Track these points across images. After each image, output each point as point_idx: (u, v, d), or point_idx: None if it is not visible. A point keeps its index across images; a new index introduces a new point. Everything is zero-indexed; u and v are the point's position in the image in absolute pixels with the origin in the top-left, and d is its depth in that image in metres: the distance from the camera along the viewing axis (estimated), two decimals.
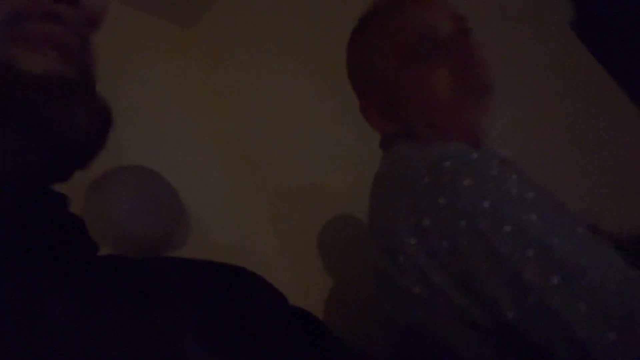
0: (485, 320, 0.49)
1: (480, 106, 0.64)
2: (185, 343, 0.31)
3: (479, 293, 0.48)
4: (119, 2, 1.41)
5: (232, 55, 1.62)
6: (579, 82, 1.07)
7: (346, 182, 0.85)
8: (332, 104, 0.85)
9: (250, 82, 1.57)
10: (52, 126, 0.29)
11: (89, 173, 1.06)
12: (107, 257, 0.37)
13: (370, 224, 0.66)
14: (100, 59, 0.36)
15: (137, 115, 1.27)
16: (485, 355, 0.50)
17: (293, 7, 1.48)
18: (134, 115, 1.26)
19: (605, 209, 1.00)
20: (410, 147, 0.64)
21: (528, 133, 1.10)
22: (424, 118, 0.65)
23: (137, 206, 1.02)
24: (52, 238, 0.32)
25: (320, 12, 1.42)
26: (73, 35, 0.30)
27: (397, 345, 0.62)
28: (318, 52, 1.39)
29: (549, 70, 1.10)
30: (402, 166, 0.61)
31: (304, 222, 1.34)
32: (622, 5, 1.05)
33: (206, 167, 1.42)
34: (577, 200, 1.03)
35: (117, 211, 0.97)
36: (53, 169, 0.32)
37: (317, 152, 1.37)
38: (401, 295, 0.56)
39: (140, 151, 1.21)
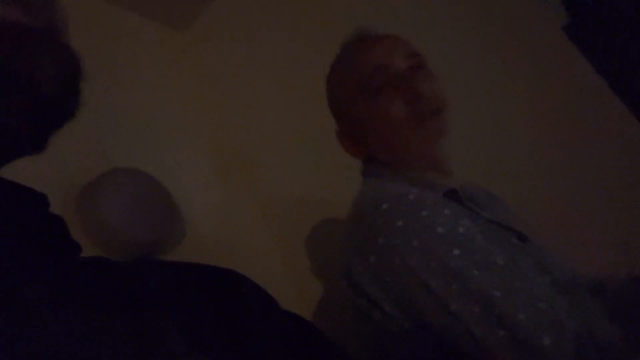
0: (430, 342, 0.57)
1: (431, 131, 0.71)
2: (173, 344, 0.31)
3: (419, 321, 0.56)
4: (112, 5, 1.40)
5: (227, 58, 1.62)
6: (572, 87, 1.08)
7: (339, 188, 0.85)
8: (327, 110, 0.87)
9: (244, 87, 1.57)
10: (16, 75, 0.28)
11: (83, 175, 1.05)
12: (90, 258, 0.36)
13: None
14: (94, 62, 0.36)
15: (131, 119, 1.27)
16: None
17: (288, 12, 1.48)
18: (127, 119, 1.25)
19: (597, 213, 1.00)
20: (369, 187, 0.73)
21: (522, 137, 1.10)
22: (383, 144, 0.74)
23: (130, 209, 1.02)
24: (32, 238, 0.31)
25: (316, 18, 1.42)
26: None
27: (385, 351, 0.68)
28: (314, 58, 1.38)
29: (543, 75, 1.11)
30: (357, 208, 0.70)
31: (297, 227, 1.34)
32: (616, 9, 1.06)
33: (200, 170, 1.41)
34: (567, 203, 1.04)
35: (110, 214, 0.96)
36: (28, 127, 0.30)
37: (311, 158, 1.37)
38: (366, 319, 0.64)
39: (134, 155, 1.20)
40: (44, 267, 0.30)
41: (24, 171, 0.34)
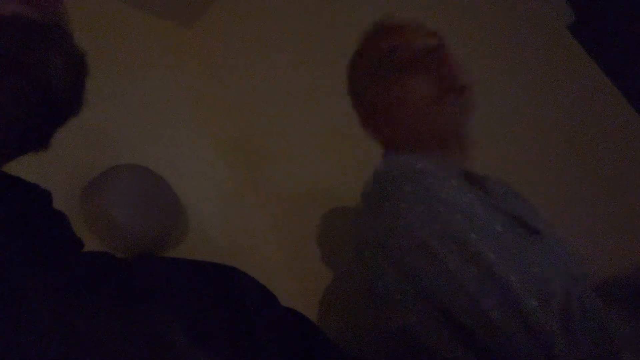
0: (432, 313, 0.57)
1: (459, 108, 0.70)
2: (175, 340, 0.31)
3: (420, 285, 0.56)
4: (118, 1, 1.41)
5: (232, 54, 1.62)
6: (577, 85, 1.08)
7: (346, 182, 0.86)
8: (332, 104, 0.87)
9: (250, 82, 1.57)
10: (26, 69, 0.28)
11: (87, 171, 1.06)
12: (92, 253, 0.36)
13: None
14: (100, 58, 0.36)
15: (136, 115, 1.27)
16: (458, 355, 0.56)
17: (293, 7, 1.48)
18: (133, 115, 1.25)
19: (602, 211, 1.00)
20: (385, 161, 0.72)
21: (526, 135, 1.10)
22: (398, 125, 0.73)
23: (135, 205, 1.02)
24: (34, 234, 0.32)
25: (322, 13, 1.42)
26: None
27: (388, 348, 0.68)
28: (319, 52, 1.39)
29: (548, 73, 1.11)
30: (372, 177, 0.70)
31: (303, 222, 1.34)
32: (621, 8, 1.05)
33: (205, 167, 1.42)
34: (573, 201, 1.04)
35: (115, 210, 0.97)
36: (36, 121, 0.31)
37: (317, 152, 1.37)
38: (388, 303, 0.63)
39: (139, 151, 1.21)
40: (45, 262, 0.31)
41: (29, 168, 0.35)
